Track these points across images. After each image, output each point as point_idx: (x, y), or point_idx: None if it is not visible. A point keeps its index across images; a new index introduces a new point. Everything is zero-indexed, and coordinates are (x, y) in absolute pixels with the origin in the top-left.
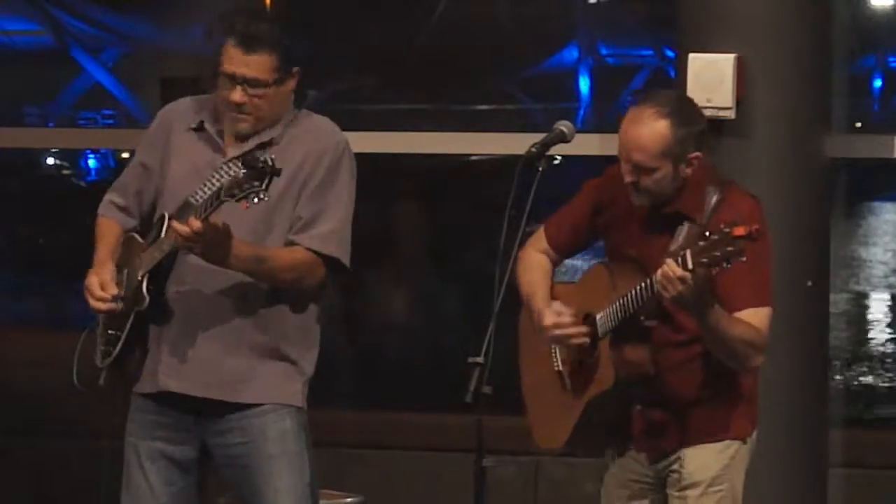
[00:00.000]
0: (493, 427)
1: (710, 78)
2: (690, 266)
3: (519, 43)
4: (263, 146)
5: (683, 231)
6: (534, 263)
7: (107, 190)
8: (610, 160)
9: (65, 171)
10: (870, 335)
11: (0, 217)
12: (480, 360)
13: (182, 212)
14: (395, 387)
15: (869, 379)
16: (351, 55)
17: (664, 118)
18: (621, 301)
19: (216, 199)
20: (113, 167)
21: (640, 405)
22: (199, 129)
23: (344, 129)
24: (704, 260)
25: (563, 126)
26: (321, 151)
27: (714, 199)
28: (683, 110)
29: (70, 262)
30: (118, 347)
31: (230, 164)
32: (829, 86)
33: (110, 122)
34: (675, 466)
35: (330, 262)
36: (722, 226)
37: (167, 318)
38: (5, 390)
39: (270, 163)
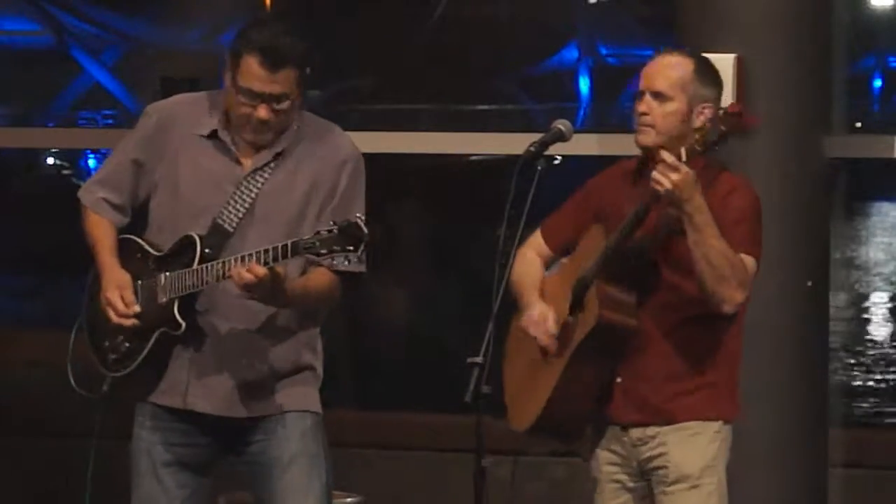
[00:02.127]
0: (493, 427)
1: None
2: (684, 158)
3: (519, 43)
4: (278, 156)
5: None
6: (525, 260)
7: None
8: (610, 160)
9: (65, 171)
10: (870, 335)
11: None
12: (480, 360)
13: (214, 236)
14: (395, 387)
15: (869, 379)
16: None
17: (689, 58)
18: (607, 241)
19: (292, 253)
20: None
21: (622, 377)
22: (210, 137)
23: (344, 129)
24: (699, 148)
25: (562, 125)
26: (341, 161)
27: (710, 176)
28: (707, 63)
29: (70, 262)
30: (136, 363)
31: (252, 181)
32: (829, 86)
33: (110, 122)
34: (660, 461)
35: (350, 276)
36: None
37: (196, 341)
38: (5, 390)
39: (367, 232)
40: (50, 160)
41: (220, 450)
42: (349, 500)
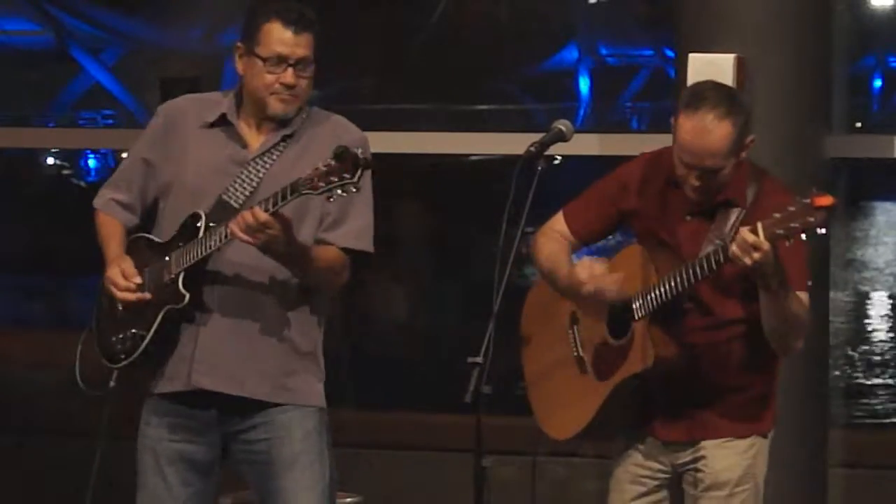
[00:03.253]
0: (493, 427)
1: (710, 78)
2: (762, 236)
3: (519, 43)
4: (287, 138)
5: (733, 214)
6: (552, 241)
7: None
8: (609, 160)
9: (65, 171)
10: (870, 335)
11: (0, 217)
12: (480, 360)
13: (219, 211)
14: (395, 387)
15: (869, 379)
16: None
17: (726, 118)
18: (666, 282)
19: (292, 193)
20: (113, 167)
21: (661, 392)
22: (217, 123)
23: None
24: (780, 231)
25: (562, 125)
26: (349, 145)
27: (755, 186)
28: (735, 102)
29: (70, 262)
30: (142, 347)
31: (261, 161)
32: (829, 86)
33: (110, 122)
34: (698, 465)
35: (358, 256)
36: (800, 197)
37: (202, 317)
38: (5, 390)
39: (362, 154)
40: (50, 160)
41: (224, 447)
42: (349, 500)
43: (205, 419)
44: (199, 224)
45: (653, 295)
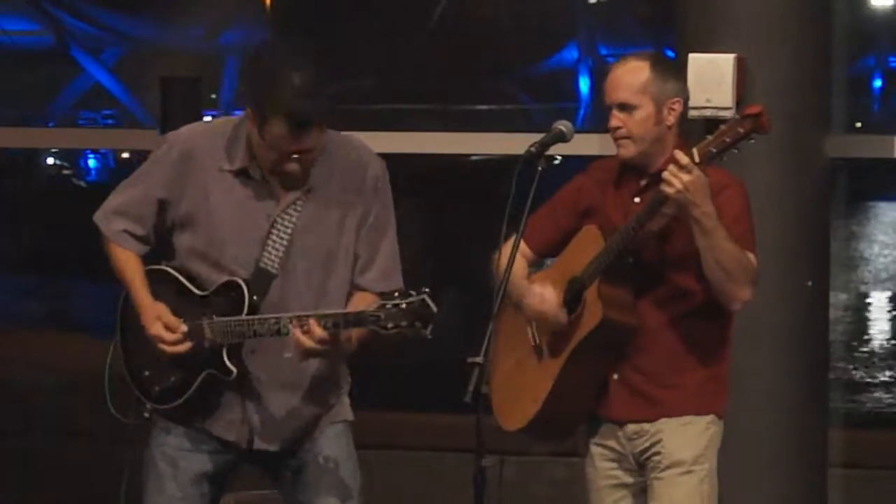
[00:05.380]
0: (493, 427)
1: (710, 78)
2: (697, 159)
3: (519, 43)
4: (308, 192)
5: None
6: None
7: (106, 196)
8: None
9: (65, 171)
10: (870, 334)
11: (0, 217)
12: (480, 360)
13: (259, 279)
14: (395, 387)
15: (869, 378)
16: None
17: (644, 61)
18: (608, 242)
19: (355, 322)
20: (112, 167)
21: (618, 374)
22: (240, 174)
23: (344, 129)
24: (713, 149)
25: (562, 126)
26: (374, 180)
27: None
28: (662, 59)
29: (70, 262)
30: (183, 399)
31: (286, 215)
32: (829, 86)
33: (110, 122)
34: (656, 447)
35: None
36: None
37: (246, 383)
38: (5, 390)
39: (435, 309)
40: (50, 160)
41: (246, 459)
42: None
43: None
44: (243, 297)
45: (600, 258)
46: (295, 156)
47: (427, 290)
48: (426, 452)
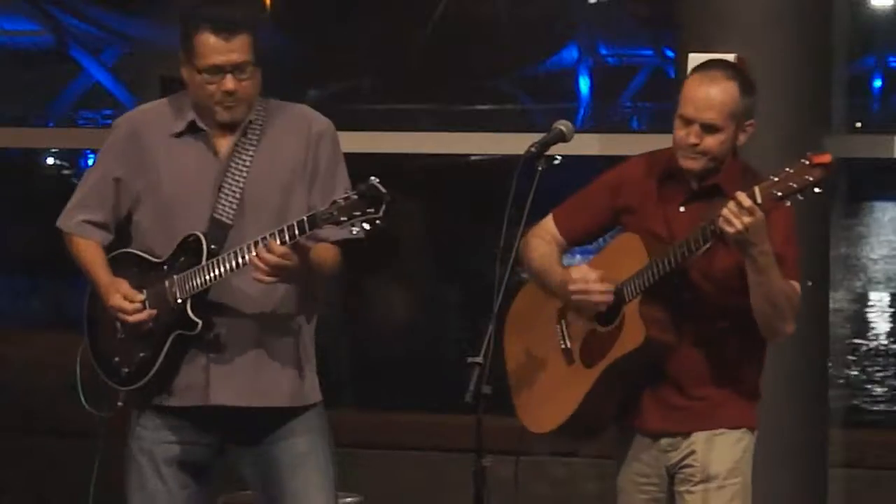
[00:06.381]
0: (493, 427)
1: None
2: (759, 200)
3: (519, 43)
4: (246, 131)
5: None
6: (544, 243)
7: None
8: (610, 160)
9: (65, 171)
10: (869, 334)
11: (0, 217)
12: (480, 360)
13: (216, 230)
14: (395, 387)
15: (869, 379)
16: (350, 55)
17: (733, 80)
18: (655, 262)
19: (310, 226)
20: None
21: (651, 387)
22: (186, 131)
23: (344, 129)
24: (778, 192)
25: (563, 125)
26: (318, 134)
27: (746, 183)
28: (746, 77)
29: (70, 262)
30: (154, 369)
31: (235, 169)
32: (829, 86)
33: (110, 122)
34: (688, 460)
35: (353, 242)
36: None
37: (210, 338)
38: (5, 390)
39: (386, 191)
40: (50, 160)
41: (222, 449)
42: (349, 500)
43: (206, 423)
44: (201, 248)
45: (644, 276)
46: (229, 69)
47: (375, 177)
48: (426, 452)
